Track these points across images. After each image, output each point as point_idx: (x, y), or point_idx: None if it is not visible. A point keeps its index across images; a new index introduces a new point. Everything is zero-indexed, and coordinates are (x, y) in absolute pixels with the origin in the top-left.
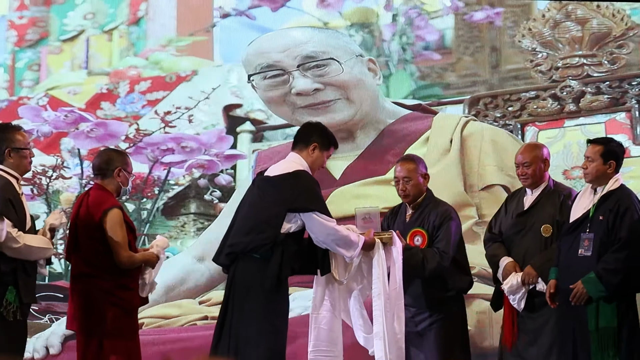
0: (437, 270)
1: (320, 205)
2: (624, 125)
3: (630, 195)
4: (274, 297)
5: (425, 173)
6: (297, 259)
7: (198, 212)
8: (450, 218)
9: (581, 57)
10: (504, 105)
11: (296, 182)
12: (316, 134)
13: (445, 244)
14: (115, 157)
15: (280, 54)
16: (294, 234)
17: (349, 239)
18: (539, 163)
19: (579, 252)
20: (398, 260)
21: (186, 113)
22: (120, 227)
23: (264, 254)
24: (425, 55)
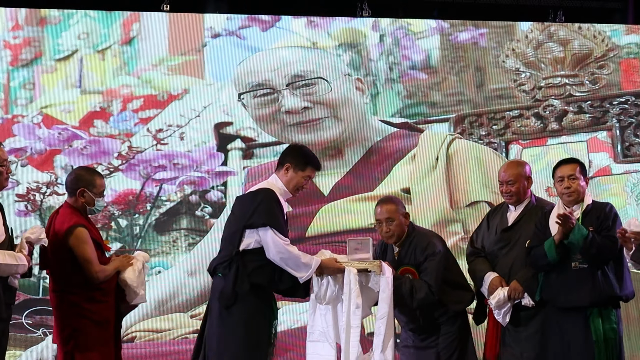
0: (426, 301)
1: (274, 222)
2: (605, 143)
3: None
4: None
5: (406, 212)
6: (259, 274)
7: (189, 228)
8: (433, 252)
9: (563, 77)
10: (488, 124)
11: (254, 200)
12: (290, 154)
13: (430, 278)
14: (81, 177)
15: (269, 73)
16: (254, 250)
17: (299, 260)
18: (522, 180)
19: (573, 266)
20: (387, 290)
21: (178, 131)
22: (87, 245)
23: (222, 271)
24: (412, 74)
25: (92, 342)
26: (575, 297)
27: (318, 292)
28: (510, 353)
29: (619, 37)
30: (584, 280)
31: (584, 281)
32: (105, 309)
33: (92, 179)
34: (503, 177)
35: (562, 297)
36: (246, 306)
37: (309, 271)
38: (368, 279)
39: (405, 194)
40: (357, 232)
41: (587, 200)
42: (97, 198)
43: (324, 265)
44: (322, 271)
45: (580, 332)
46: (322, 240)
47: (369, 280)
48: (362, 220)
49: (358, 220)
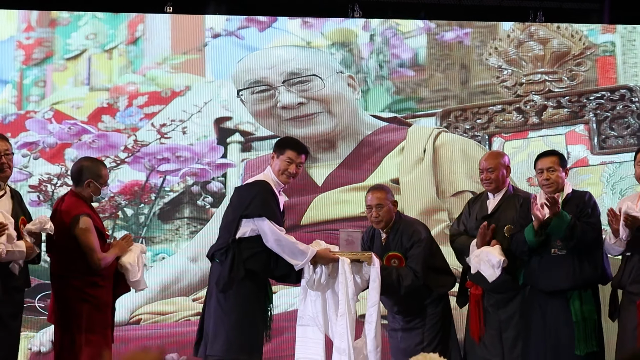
0: (412, 287)
1: (270, 212)
2: (582, 136)
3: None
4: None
5: (394, 200)
6: (254, 261)
7: (191, 217)
8: (419, 239)
9: (543, 74)
10: (472, 118)
11: (251, 191)
12: (275, 144)
13: (415, 264)
14: (87, 169)
15: (267, 71)
16: (250, 238)
17: (296, 247)
18: (501, 169)
19: (552, 252)
20: (377, 279)
21: (180, 125)
22: (91, 233)
23: (219, 257)
24: (400, 71)
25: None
26: (556, 281)
27: (310, 279)
28: (491, 334)
29: (595, 36)
30: (563, 265)
31: (563, 266)
32: (105, 294)
33: (98, 170)
34: (484, 165)
35: (543, 281)
36: (242, 291)
37: (305, 259)
38: (359, 269)
39: (395, 184)
40: (349, 220)
41: (566, 190)
42: (102, 187)
43: (319, 256)
44: (317, 261)
45: (561, 313)
46: (316, 228)
47: (359, 270)
48: (353, 209)
49: (350, 209)
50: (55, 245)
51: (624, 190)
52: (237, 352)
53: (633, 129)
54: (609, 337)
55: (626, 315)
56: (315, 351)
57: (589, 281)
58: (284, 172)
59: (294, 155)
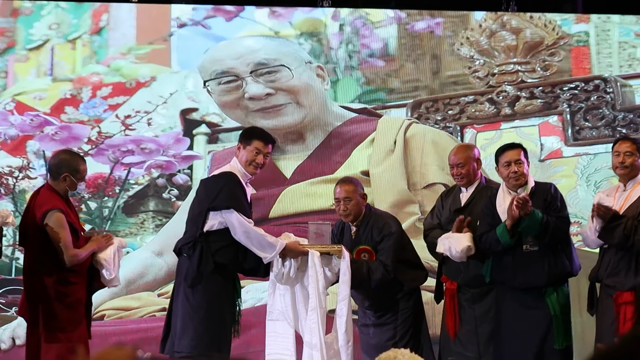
0: (383, 281)
1: (237, 204)
2: (556, 127)
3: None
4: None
5: (364, 193)
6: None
7: (157, 210)
8: (389, 233)
9: (516, 64)
10: (444, 109)
11: (217, 183)
12: (240, 135)
13: (385, 258)
14: (65, 162)
15: (234, 61)
16: (218, 231)
17: (264, 240)
18: (471, 163)
19: (524, 248)
20: (347, 273)
21: (145, 116)
22: (62, 229)
23: (187, 251)
24: (370, 62)
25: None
26: (531, 278)
27: (278, 272)
28: (467, 329)
29: (569, 26)
30: (536, 262)
31: (536, 263)
32: (78, 290)
33: (77, 164)
34: (453, 160)
35: (518, 278)
36: (210, 285)
37: (274, 252)
38: (329, 262)
39: (365, 177)
40: (319, 213)
41: (530, 182)
42: (79, 182)
43: (288, 248)
44: (286, 254)
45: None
46: (284, 221)
47: (329, 263)
48: (323, 202)
49: (319, 202)
50: (28, 240)
51: (598, 182)
52: (206, 347)
53: (607, 120)
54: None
55: (604, 310)
56: (285, 346)
57: (562, 276)
58: (251, 162)
59: (261, 146)
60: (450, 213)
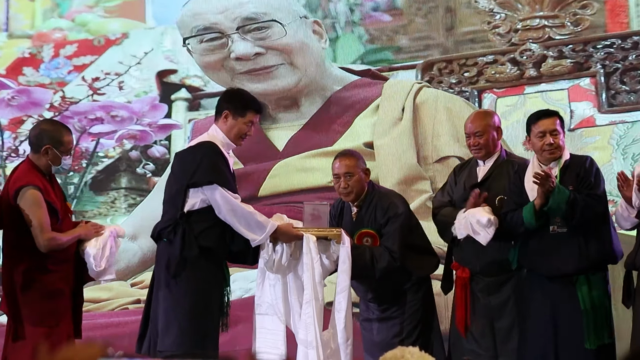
0: (389, 269)
1: (220, 178)
2: (588, 91)
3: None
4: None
5: (366, 168)
6: (208, 235)
7: (129, 187)
8: (395, 214)
9: (542, 18)
10: (459, 71)
11: (195, 155)
12: (227, 100)
13: (391, 243)
14: (46, 133)
15: (218, 16)
16: (201, 211)
17: (253, 219)
18: (491, 132)
19: (551, 229)
20: (347, 260)
21: (116, 79)
22: (38, 207)
23: (167, 236)
24: (375, 16)
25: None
26: (558, 264)
27: (269, 259)
28: (481, 323)
29: None
30: (565, 245)
31: (565, 246)
32: (58, 280)
33: (60, 135)
34: (470, 128)
35: (545, 265)
36: (196, 273)
37: (264, 234)
38: (326, 248)
39: (368, 149)
40: (315, 191)
41: (565, 155)
42: (63, 156)
43: (280, 231)
44: (278, 237)
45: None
46: (276, 200)
47: (327, 249)
48: (320, 177)
49: (316, 177)
50: (3, 222)
51: (637, 154)
52: (191, 344)
53: None
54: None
55: None
56: (274, 344)
57: (597, 262)
58: (242, 136)
59: (255, 118)
60: (464, 189)
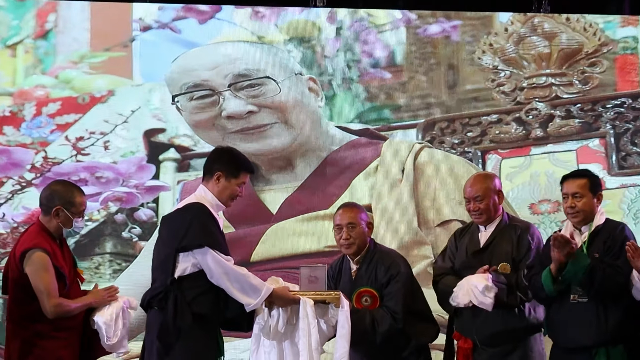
0: (390, 333)
1: (212, 240)
2: (597, 153)
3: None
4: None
5: (369, 222)
6: (201, 302)
7: (115, 252)
8: (397, 272)
9: (549, 76)
10: (462, 130)
11: (184, 218)
12: (219, 161)
13: (394, 304)
14: (58, 194)
15: (208, 72)
16: (193, 276)
17: (247, 282)
18: (492, 196)
19: (572, 299)
20: (346, 325)
21: (101, 139)
22: (45, 272)
23: (158, 304)
24: (373, 73)
25: None
26: (576, 335)
27: (265, 325)
28: None
29: (613, 30)
30: (584, 315)
31: (584, 317)
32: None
33: (71, 195)
34: (469, 192)
35: (562, 335)
36: (189, 343)
37: (259, 298)
38: (324, 312)
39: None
40: (311, 256)
41: (597, 220)
42: (75, 218)
43: (276, 295)
44: (273, 301)
45: None
46: (269, 266)
47: (325, 313)
48: (316, 242)
49: (312, 242)
50: (9, 285)
51: None
52: None
53: None
54: None
55: None
56: None
57: (617, 335)
58: (235, 197)
59: (247, 178)
60: (466, 256)
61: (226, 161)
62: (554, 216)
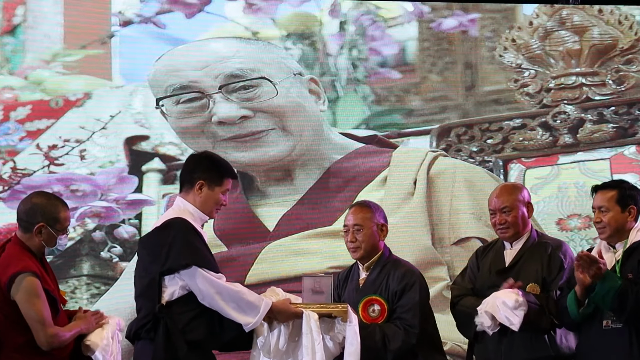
0: (402, 350)
1: (199, 258)
2: (633, 161)
3: None
4: None
5: (383, 224)
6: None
7: (93, 274)
8: (414, 282)
9: (579, 75)
10: (481, 137)
11: (165, 236)
12: (199, 168)
13: (411, 316)
14: (40, 209)
15: (197, 72)
16: (182, 299)
17: (243, 299)
18: (520, 208)
19: (604, 324)
20: (355, 342)
21: (77, 147)
22: (37, 298)
23: (147, 334)
24: (382, 73)
25: None
26: None
27: (265, 343)
28: None
29: None
30: (616, 343)
31: (616, 345)
32: None
33: (55, 211)
34: (495, 204)
35: None
36: None
37: (257, 315)
38: (330, 327)
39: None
40: None
41: (633, 237)
42: (59, 235)
43: (277, 309)
44: (274, 316)
45: None
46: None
47: (331, 329)
48: (318, 262)
49: (313, 263)
50: None
51: None
52: None
53: None
54: None
55: None
56: None
57: None
58: (219, 206)
59: (230, 184)
60: (490, 275)
61: (207, 168)
62: (584, 233)
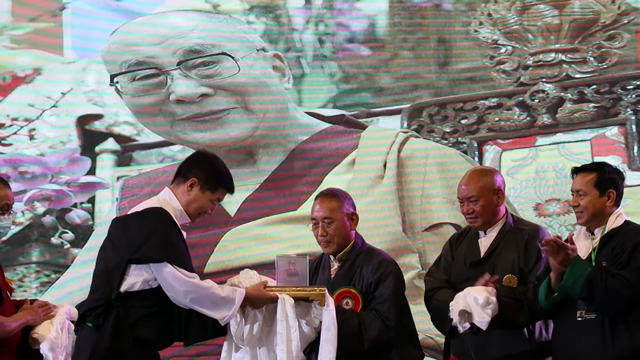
0: (379, 341)
1: (173, 255)
2: (615, 143)
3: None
4: None
5: (353, 212)
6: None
7: (42, 262)
8: (390, 272)
9: (558, 52)
10: (455, 117)
11: (142, 224)
12: (199, 167)
13: (387, 308)
14: None
15: (154, 48)
16: (141, 294)
17: (217, 296)
18: (490, 196)
19: (578, 315)
20: (332, 327)
21: (26, 126)
22: None
23: (94, 320)
24: (350, 49)
25: None
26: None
27: (237, 329)
28: None
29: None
30: (590, 335)
31: (590, 336)
32: None
33: None
34: (463, 192)
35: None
36: None
37: (233, 308)
38: (307, 311)
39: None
40: None
41: (612, 223)
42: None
43: (252, 296)
44: (250, 304)
45: None
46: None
47: (308, 313)
48: (282, 249)
49: (277, 250)
50: None
51: None
52: None
53: None
54: None
55: None
56: None
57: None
58: (203, 213)
59: (223, 197)
60: (465, 266)
61: (207, 170)
62: (563, 218)
